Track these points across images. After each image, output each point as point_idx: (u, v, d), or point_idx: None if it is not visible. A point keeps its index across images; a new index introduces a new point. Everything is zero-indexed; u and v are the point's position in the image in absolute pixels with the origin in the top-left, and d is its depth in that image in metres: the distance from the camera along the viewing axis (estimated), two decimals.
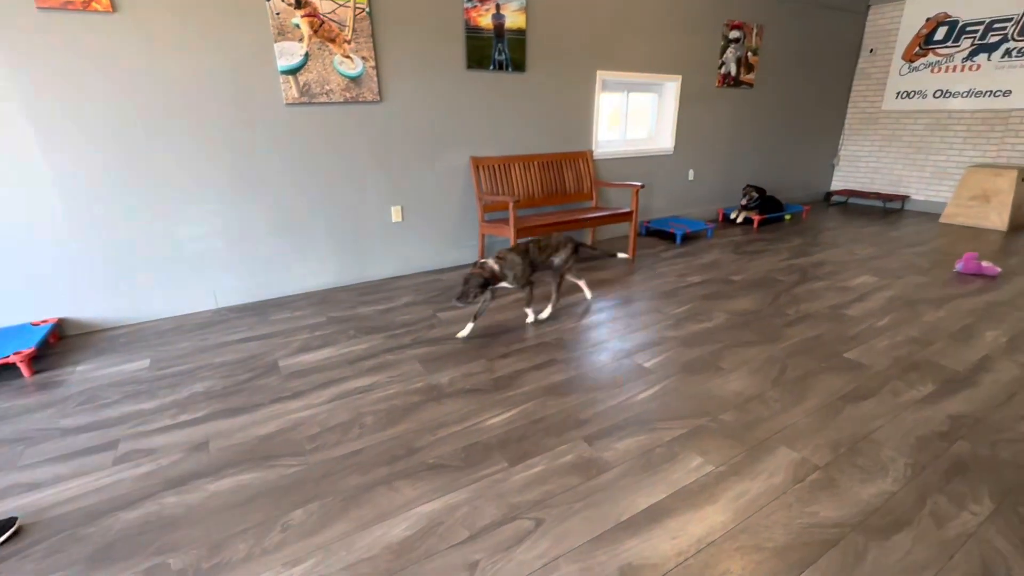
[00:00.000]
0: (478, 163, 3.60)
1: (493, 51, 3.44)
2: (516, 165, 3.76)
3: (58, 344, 2.59)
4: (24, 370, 2.24)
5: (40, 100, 2.36)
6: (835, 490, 1.48)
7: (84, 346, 2.55)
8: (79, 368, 2.32)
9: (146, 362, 2.37)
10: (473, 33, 3.33)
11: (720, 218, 5.18)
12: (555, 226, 3.45)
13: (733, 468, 1.58)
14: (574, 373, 2.19)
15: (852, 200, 6.23)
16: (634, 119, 4.56)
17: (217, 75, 2.68)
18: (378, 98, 3.14)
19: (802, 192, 6.08)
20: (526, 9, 3.47)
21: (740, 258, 3.87)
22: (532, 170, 3.83)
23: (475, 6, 3.28)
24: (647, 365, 2.24)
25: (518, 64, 3.57)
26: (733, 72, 4.80)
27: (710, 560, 1.25)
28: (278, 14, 2.73)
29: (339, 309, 2.98)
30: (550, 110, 3.85)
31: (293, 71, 2.85)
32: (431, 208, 3.57)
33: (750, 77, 4.94)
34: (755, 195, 4.93)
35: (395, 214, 3.44)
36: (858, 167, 6.07)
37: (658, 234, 4.64)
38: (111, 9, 2.38)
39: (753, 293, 3.11)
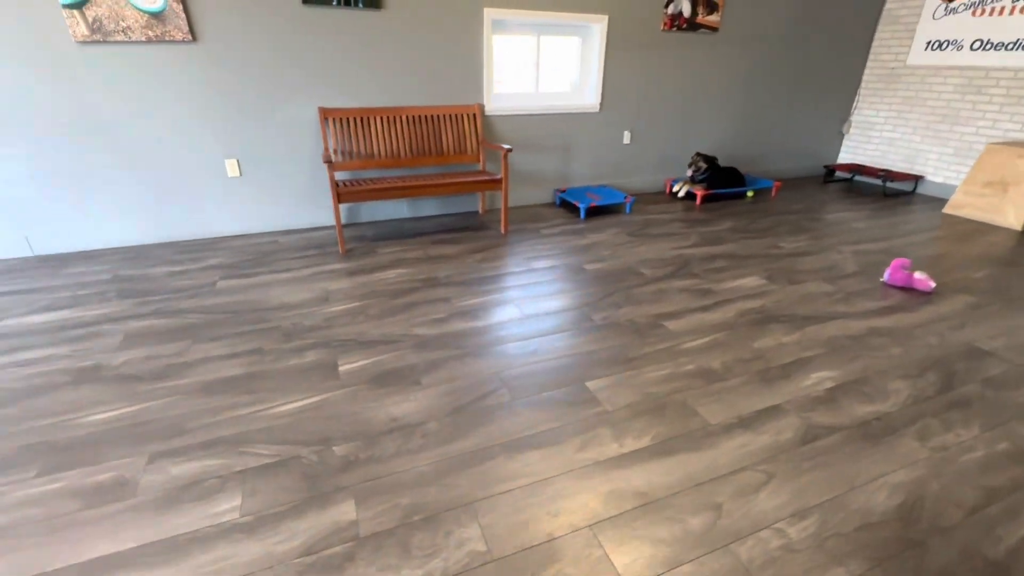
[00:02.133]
0: (328, 115, 3.24)
1: None
2: (378, 119, 3.35)
3: None
4: None
5: None
6: None
7: None
8: None
9: None
10: None
11: (668, 190, 4.46)
12: (399, 191, 3.06)
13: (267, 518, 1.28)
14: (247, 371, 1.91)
15: (859, 178, 5.16)
16: (554, 68, 3.91)
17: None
18: (190, 37, 2.84)
19: (796, 164, 5.10)
20: None
21: (629, 241, 3.28)
22: (399, 125, 3.40)
23: None
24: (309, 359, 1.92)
25: (370, 0, 3.09)
26: (686, 12, 3.95)
27: None
28: None
29: (136, 267, 2.85)
30: (422, 55, 3.36)
31: (77, 5, 2.61)
32: (276, 163, 3.30)
33: (712, 19, 4.05)
34: (702, 165, 4.17)
35: (230, 168, 3.21)
36: (870, 137, 4.95)
37: (571, 206, 4.08)
38: None
39: (586, 288, 2.61)
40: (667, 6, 3.85)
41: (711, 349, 2.07)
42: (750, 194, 4.43)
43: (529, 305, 2.43)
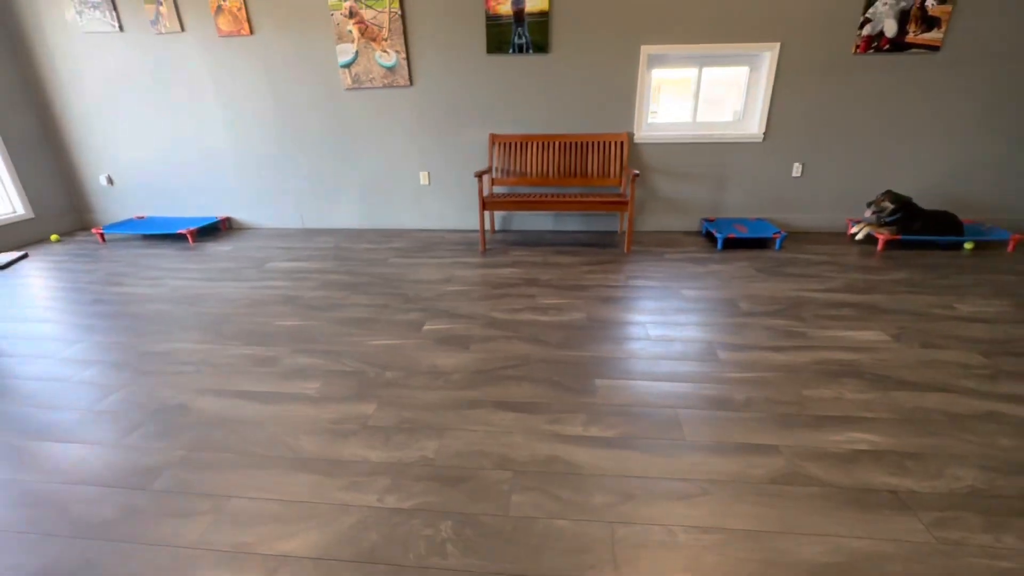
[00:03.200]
0: (495, 139, 4.00)
1: (513, 35, 3.71)
2: (534, 144, 3.96)
3: (226, 230, 4.54)
4: (189, 239, 4.17)
5: (223, 96, 4.13)
6: None
7: (232, 233, 4.41)
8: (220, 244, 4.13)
9: (229, 247, 4.00)
10: (493, 21, 3.68)
11: (849, 232, 3.89)
12: (532, 204, 3.59)
13: None
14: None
15: None
16: (719, 98, 3.90)
17: (306, 72, 3.99)
18: (409, 83, 3.93)
19: None
20: None
21: (752, 276, 3.11)
22: (551, 150, 3.94)
23: None
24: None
25: (540, 46, 3.71)
26: (890, 31, 3.44)
27: None
28: (337, 24, 3.81)
29: (350, 241, 4.06)
30: (580, 90, 3.82)
31: (347, 65, 3.93)
32: (455, 176, 4.20)
33: (930, 37, 3.42)
34: (888, 206, 3.54)
35: (423, 178, 4.24)
36: None
37: (713, 236, 3.96)
38: (250, 33, 3.91)
39: (663, 308, 2.67)
40: (862, 27, 3.45)
41: (747, 384, 1.99)
42: (968, 245, 3.53)
43: (598, 311, 2.65)
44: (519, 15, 3.64)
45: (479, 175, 3.51)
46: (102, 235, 4.28)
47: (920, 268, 3.19)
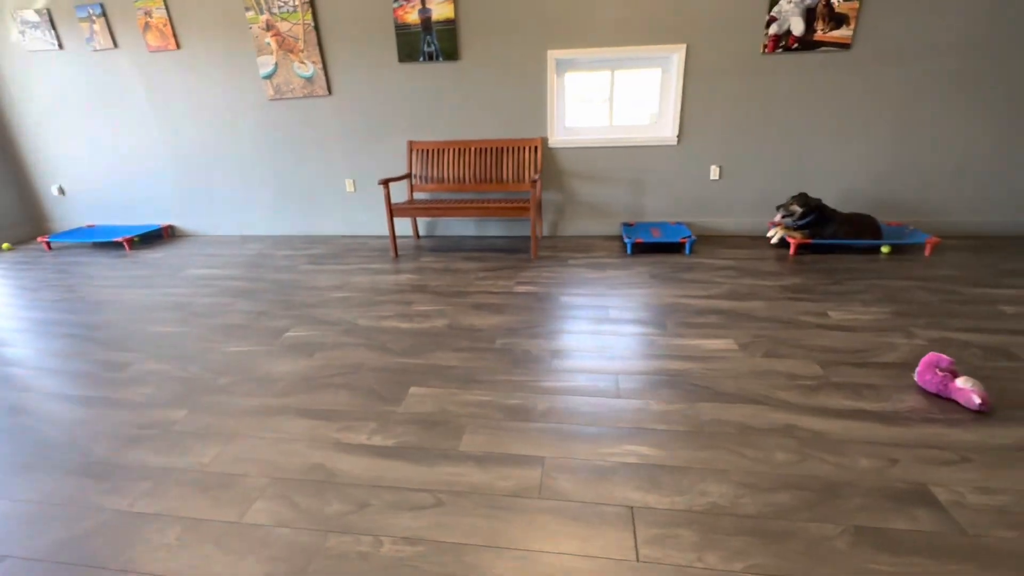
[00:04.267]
0: (413, 146, 4.03)
1: (422, 43, 3.74)
2: (450, 150, 3.98)
3: (168, 238, 4.69)
4: (126, 247, 4.32)
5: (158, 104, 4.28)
6: None
7: (173, 240, 4.56)
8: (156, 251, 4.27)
9: (161, 254, 4.13)
10: (402, 29, 3.72)
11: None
12: (440, 210, 3.60)
13: None
14: None
15: None
16: (636, 101, 3.85)
17: (231, 84, 4.10)
18: (328, 92, 4.00)
19: (1008, 218, 3.58)
20: (453, 0, 3.58)
21: (639, 282, 3.05)
22: (467, 156, 3.96)
23: (401, 5, 3.66)
24: None
25: (449, 54, 3.73)
26: (797, 30, 3.35)
27: None
28: (256, 37, 3.91)
29: (274, 248, 4.15)
30: (492, 96, 3.83)
31: (269, 76, 4.02)
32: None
33: (839, 34, 3.31)
34: (796, 209, 3.43)
35: (348, 185, 4.30)
36: None
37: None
38: (177, 47, 4.05)
39: (523, 312, 2.65)
40: (769, 26, 3.37)
41: (560, 394, 1.96)
42: (885, 249, 3.39)
43: (464, 318, 2.65)
44: (427, 23, 3.67)
45: (384, 182, 3.54)
46: (48, 244, 4.47)
47: (819, 273, 3.08)
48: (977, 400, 1.71)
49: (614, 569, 1.22)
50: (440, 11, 3.62)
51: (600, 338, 2.38)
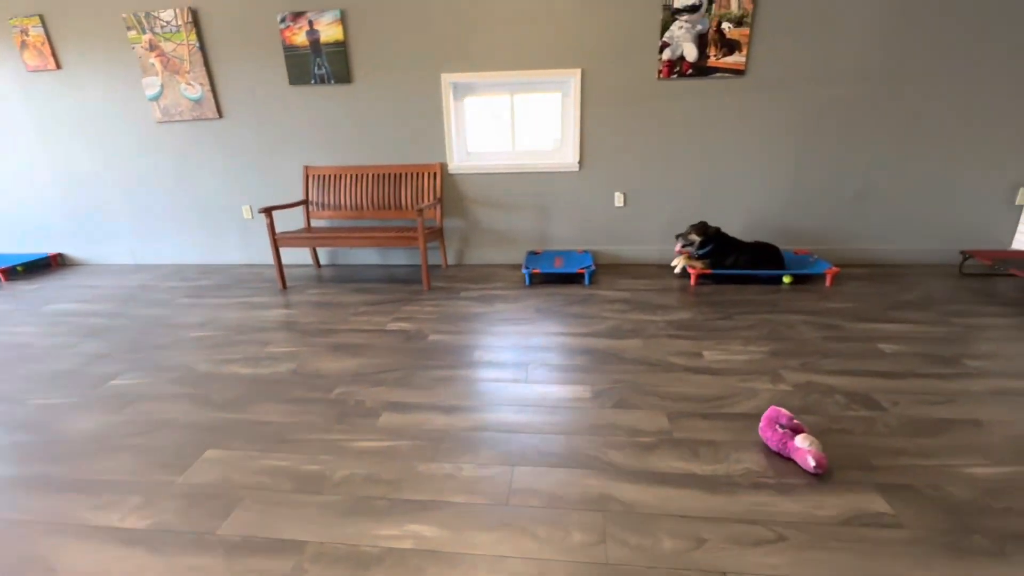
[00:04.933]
0: (309, 171, 3.83)
1: (312, 66, 3.57)
2: (348, 176, 3.79)
3: (56, 267, 4.38)
4: (1, 278, 4.01)
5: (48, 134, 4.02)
6: None
7: (62, 270, 4.25)
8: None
9: (36, 285, 3.82)
10: (291, 51, 3.55)
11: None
12: (328, 240, 3.39)
13: None
14: None
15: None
16: (540, 126, 3.72)
17: (117, 106, 3.87)
18: (218, 115, 3.79)
19: (915, 246, 3.50)
20: (342, 21, 3.43)
21: (522, 318, 2.87)
22: (365, 181, 3.77)
23: (288, 26, 3.49)
24: None
25: (341, 76, 3.57)
26: (690, 56, 3.27)
27: None
28: (140, 57, 3.70)
29: (163, 279, 3.87)
30: (386, 121, 3.67)
31: (155, 98, 3.80)
32: (277, 211, 4.03)
33: (732, 60, 3.24)
34: (694, 238, 3.31)
35: (246, 212, 4.07)
36: None
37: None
38: (57, 67, 3.81)
39: (377, 353, 2.44)
40: (662, 51, 3.28)
41: (368, 457, 1.73)
42: (787, 279, 3.27)
43: (315, 362, 2.42)
44: (315, 45, 3.51)
45: (266, 210, 3.32)
46: None
47: (712, 306, 2.93)
48: (812, 462, 1.54)
49: None
50: (328, 33, 3.47)
51: (449, 386, 2.18)
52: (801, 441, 1.60)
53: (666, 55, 3.29)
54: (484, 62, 3.44)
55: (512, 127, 3.71)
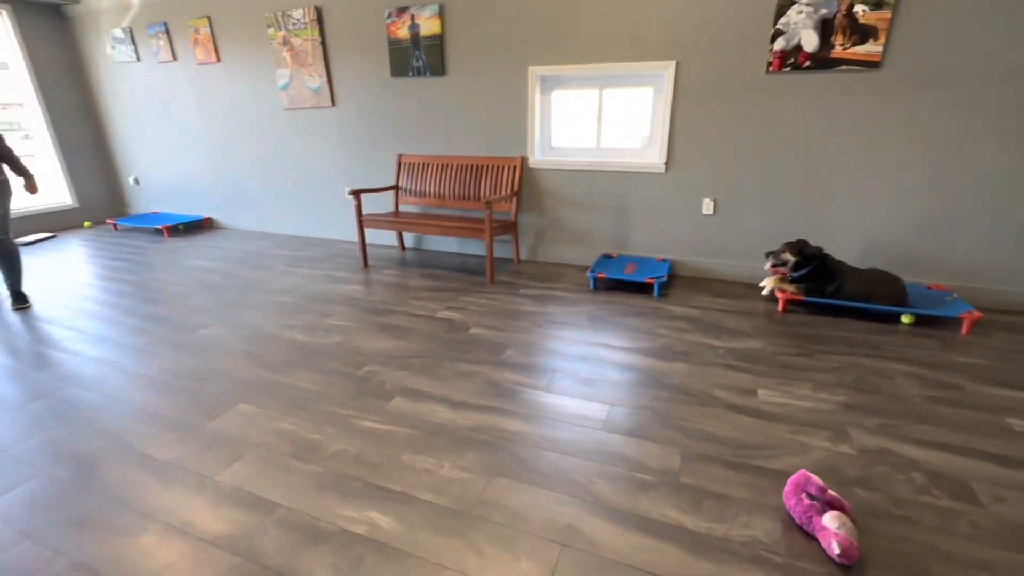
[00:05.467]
0: (402, 159, 4.06)
1: (411, 58, 3.75)
2: (434, 165, 3.93)
3: (207, 228, 5.23)
4: (165, 234, 4.90)
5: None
6: None
7: (210, 231, 5.08)
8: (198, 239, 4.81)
9: (185, 242, 4.60)
10: (394, 44, 3.77)
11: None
12: (405, 225, 3.57)
13: None
14: None
15: None
16: (630, 123, 3.49)
17: (257, 94, 4.47)
18: (331, 104, 4.19)
19: None
20: (440, 15, 3.55)
21: (573, 324, 2.73)
22: (449, 171, 3.88)
23: (393, 21, 3.70)
24: None
25: (436, 69, 3.70)
26: (810, 45, 2.79)
27: None
28: (275, 51, 4.22)
29: (276, 247, 4.42)
30: (473, 113, 3.72)
31: (284, 88, 4.32)
32: (377, 193, 4.34)
33: (865, 51, 2.69)
34: (788, 259, 2.84)
35: (345, 192, 4.45)
36: None
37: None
38: (217, 60, 4.51)
39: (409, 338, 2.49)
40: (774, 40, 2.86)
41: (369, 437, 1.79)
42: (906, 319, 2.67)
43: (360, 340, 2.57)
44: (415, 39, 3.68)
45: (355, 193, 3.60)
46: (115, 225, 5.23)
47: (795, 339, 2.51)
48: (836, 549, 1.24)
49: None
50: (428, 27, 3.61)
51: (467, 381, 2.16)
52: (830, 520, 1.30)
53: (779, 45, 2.85)
54: (574, 55, 3.31)
55: (598, 122, 3.53)
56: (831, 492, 1.37)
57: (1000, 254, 2.78)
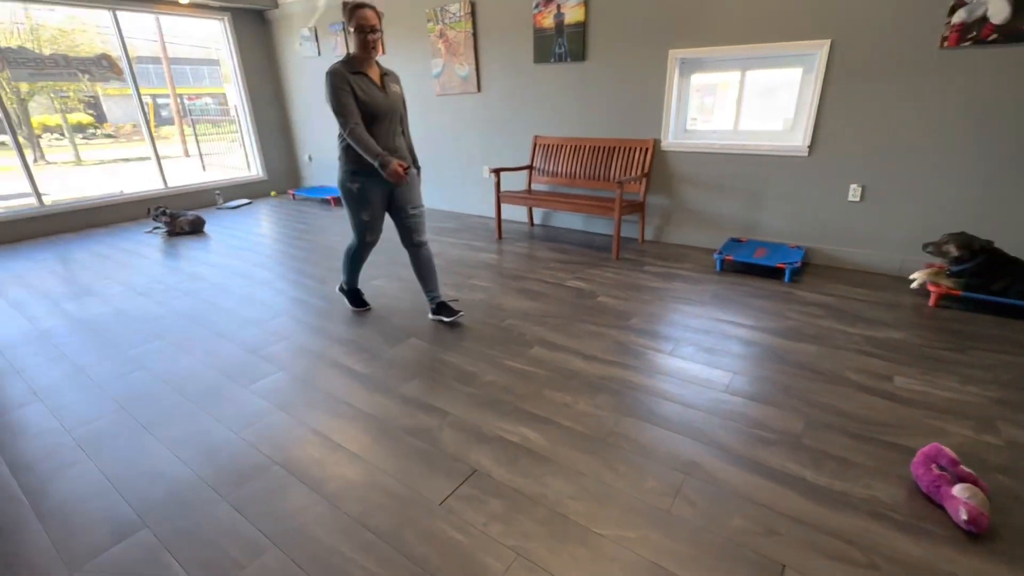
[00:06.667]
0: (537, 140, 4.37)
1: (554, 45, 4.01)
2: (567, 146, 4.19)
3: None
4: (332, 203, 5.77)
5: None
6: None
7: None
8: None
9: None
10: (539, 33, 4.05)
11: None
12: (536, 201, 3.89)
13: None
14: None
15: None
16: (774, 105, 3.42)
17: (415, 83, 5.06)
18: (477, 90, 4.61)
19: None
20: (585, 3, 3.74)
21: (693, 300, 2.85)
22: (581, 152, 4.11)
23: (540, 11, 3.98)
24: None
25: (576, 55, 3.91)
26: (999, 16, 2.52)
27: None
28: (432, 43, 4.74)
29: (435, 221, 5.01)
30: (614, 95, 3.87)
31: (437, 76, 4.84)
32: (511, 172, 4.72)
33: None
34: (952, 251, 2.64)
35: (485, 172, 4.89)
36: None
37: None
38: (382, 53, 5.17)
39: (531, 302, 2.79)
40: (953, 12, 2.64)
41: (514, 374, 2.14)
42: None
43: (502, 299, 2.94)
44: (559, 27, 3.93)
45: (495, 171, 4.00)
46: (293, 195, 6.27)
47: (945, 334, 2.38)
48: (964, 516, 1.30)
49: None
50: (572, 15, 3.83)
51: (597, 340, 2.41)
52: (960, 490, 1.35)
53: (958, 17, 2.61)
54: (717, 36, 3.31)
55: (738, 105, 3.50)
56: (964, 468, 1.41)
57: None
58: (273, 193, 6.59)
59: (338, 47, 5.52)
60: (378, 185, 2.37)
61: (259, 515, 1.41)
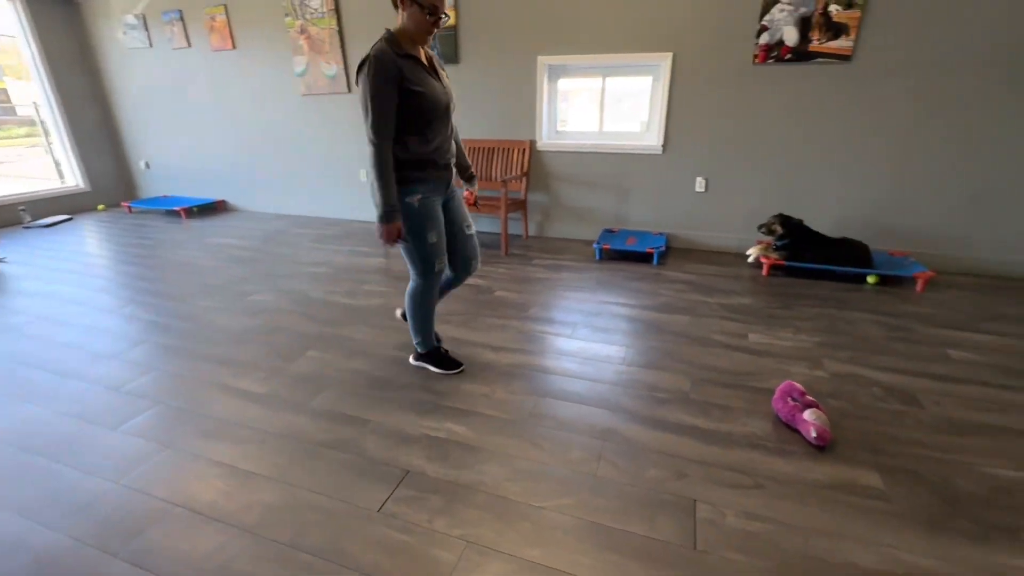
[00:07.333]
0: None
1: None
2: None
3: (221, 211, 5.42)
4: (182, 216, 5.09)
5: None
6: None
7: (225, 212, 5.28)
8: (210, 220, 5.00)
9: (202, 223, 4.81)
10: None
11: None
12: None
13: None
14: None
15: None
16: (630, 109, 3.84)
17: (273, 81, 4.68)
18: (347, 91, 4.43)
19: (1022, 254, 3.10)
20: (455, 6, 3.82)
21: (573, 286, 3.10)
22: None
23: None
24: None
25: (449, 57, 3.98)
26: (790, 40, 3.17)
27: None
28: (292, 39, 4.43)
29: (298, 227, 4.66)
30: (488, 97, 4.02)
31: (301, 75, 4.54)
32: None
33: (837, 45, 3.08)
34: (777, 229, 3.25)
35: (361, 175, 4.72)
36: None
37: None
38: (232, 47, 4.69)
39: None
40: (759, 35, 3.23)
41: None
42: (871, 279, 3.11)
43: (394, 299, 2.89)
44: None
45: None
46: (129, 208, 5.39)
47: (776, 296, 2.92)
48: (814, 433, 1.64)
49: None
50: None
51: (502, 332, 2.50)
52: (809, 415, 1.69)
53: (764, 39, 3.22)
54: (580, 45, 3.63)
55: (600, 108, 3.87)
56: (809, 396, 1.77)
57: (951, 225, 3.23)
58: (101, 207, 5.58)
59: (175, 38, 4.87)
60: (438, 196, 1.85)
61: (168, 563, 1.24)
